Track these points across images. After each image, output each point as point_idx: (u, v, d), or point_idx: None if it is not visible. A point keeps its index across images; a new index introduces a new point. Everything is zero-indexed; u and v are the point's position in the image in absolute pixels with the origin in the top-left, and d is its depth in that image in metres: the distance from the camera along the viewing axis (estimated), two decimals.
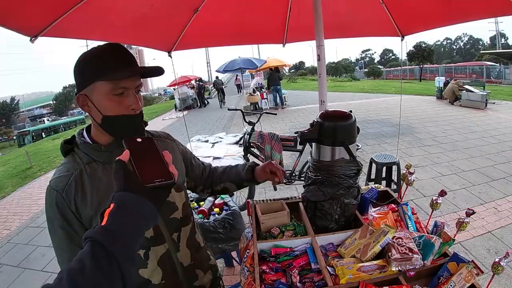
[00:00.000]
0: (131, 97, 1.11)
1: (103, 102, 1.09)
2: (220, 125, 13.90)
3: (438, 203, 1.62)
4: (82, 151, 1.18)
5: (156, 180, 0.78)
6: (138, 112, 1.15)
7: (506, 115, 11.28)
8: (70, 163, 1.16)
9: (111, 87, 1.07)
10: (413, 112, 12.60)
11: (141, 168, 0.79)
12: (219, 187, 1.68)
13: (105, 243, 0.67)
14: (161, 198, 0.82)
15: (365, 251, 1.32)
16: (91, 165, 1.16)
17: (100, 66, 1.07)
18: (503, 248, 3.58)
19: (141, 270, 1.20)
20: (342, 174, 1.54)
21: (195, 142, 5.38)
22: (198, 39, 3.33)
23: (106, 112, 1.10)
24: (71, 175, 1.12)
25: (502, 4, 2.39)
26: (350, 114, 1.59)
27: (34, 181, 9.54)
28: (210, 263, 1.50)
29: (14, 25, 1.73)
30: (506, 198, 4.84)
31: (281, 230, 1.63)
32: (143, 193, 0.76)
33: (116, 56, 1.09)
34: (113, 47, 1.12)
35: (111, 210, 0.72)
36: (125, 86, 1.09)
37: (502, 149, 7.26)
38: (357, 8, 3.35)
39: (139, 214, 0.75)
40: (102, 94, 1.08)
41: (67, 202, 1.08)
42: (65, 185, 1.09)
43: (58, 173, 1.14)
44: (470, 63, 36.25)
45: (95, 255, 0.66)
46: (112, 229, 0.70)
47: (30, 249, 4.85)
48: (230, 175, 1.68)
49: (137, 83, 1.13)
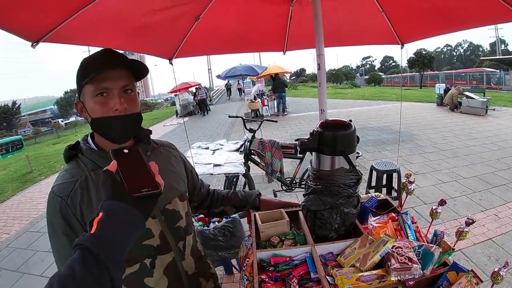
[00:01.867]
0: (114, 98, 1.11)
1: (89, 104, 1.11)
2: (220, 131, 13.94)
3: (438, 212, 1.62)
4: (86, 157, 1.18)
5: (143, 190, 0.80)
6: (127, 113, 1.14)
7: (507, 121, 11.34)
8: (74, 169, 1.16)
9: (94, 89, 1.09)
10: (414, 119, 12.65)
11: (128, 178, 0.81)
12: (218, 210, 1.77)
13: (94, 250, 0.70)
14: (148, 207, 0.83)
15: (365, 261, 1.31)
16: (96, 171, 1.15)
17: (85, 70, 1.09)
18: (503, 255, 3.59)
19: (146, 279, 1.20)
20: (342, 184, 1.54)
21: (196, 149, 5.38)
22: (199, 47, 3.34)
23: (93, 115, 1.11)
24: (76, 181, 1.12)
25: (501, 11, 2.40)
26: (349, 124, 1.59)
27: (34, 185, 9.56)
28: (211, 271, 1.52)
29: (16, 29, 1.73)
30: (506, 205, 4.87)
31: (281, 239, 1.62)
32: (130, 202, 0.78)
33: (100, 59, 1.11)
34: (103, 51, 1.14)
35: (100, 219, 0.75)
36: (107, 86, 1.09)
37: (503, 156, 7.30)
38: (357, 17, 3.36)
39: (127, 222, 0.77)
40: (89, 97, 1.10)
41: (72, 209, 1.08)
42: (70, 192, 1.09)
43: (62, 179, 1.13)
44: (470, 70, 36.40)
45: (85, 261, 0.68)
46: (101, 236, 0.73)
47: (29, 253, 4.85)
48: (233, 199, 1.79)
49: (121, 83, 1.12)
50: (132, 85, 1.17)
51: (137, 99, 1.21)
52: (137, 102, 1.19)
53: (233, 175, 4.78)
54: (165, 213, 1.26)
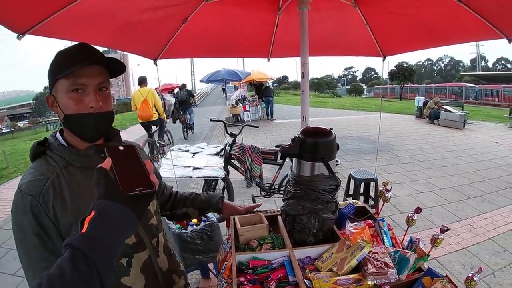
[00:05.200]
0: (90, 95, 1.09)
1: (63, 100, 1.09)
2: (201, 135, 13.85)
3: (413, 219, 1.66)
4: (57, 154, 1.13)
5: (137, 189, 0.78)
6: (102, 111, 1.13)
7: (484, 135, 11.66)
8: (44, 166, 1.11)
9: (68, 84, 1.06)
10: (393, 130, 12.86)
11: (122, 176, 0.79)
12: (180, 212, 1.75)
13: (85, 250, 0.68)
14: (142, 206, 0.82)
15: (342, 265, 1.34)
16: (68, 169, 1.12)
17: (60, 64, 1.07)
18: (478, 264, 3.67)
19: (123, 279, 1.17)
20: (321, 189, 1.57)
21: (176, 151, 5.34)
22: (184, 49, 3.34)
23: (67, 111, 1.09)
24: (47, 179, 1.07)
25: (482, 29, 2.49)
26: (330, 131, 1.63)
27: (9, 181, 9.24)
28: (181, 268, 1.51)
29: (3, 20, 1.70)
30: (481, 215, 5.01)
31: (260, 242, 1.64)
32: (123, 202, 0.76)
33: (76, 53, 1.09)
34: (78, 46, 1.13)
35: (92, 218, 0.73)
36: (83, 82, 1.08)
37: (479, 168, 7.51)
38: (342, 28, 3.42)
39: (119, 222, 0.75)
40: (63, 92, 1.08)
41: (45, 208, 1.02)
42: (41, 190, 1.04)
43: (30, 176, 1.07)
44: (450, 84, 37.18)
45: (75, 261, 0.67)
46: (92, 236, 0.70)
47: (2, 252, 4.69)
48: (195, 201, 1.76)
49: (97, 80, 1.11)
50: (107, 83, 1.16)
51: (111, 98, 1.20)
52: (111, 100, 1.18)
53: (212, 178, 4.76)
54: None
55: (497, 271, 3.56)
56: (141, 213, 0.82)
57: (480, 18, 2.41)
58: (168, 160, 4.61)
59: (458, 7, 2.40)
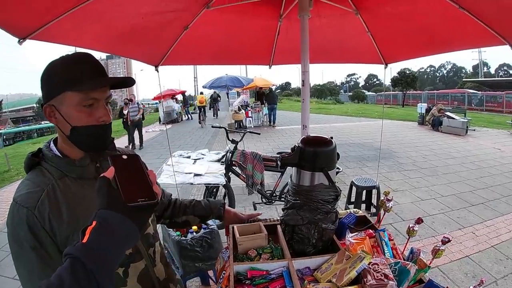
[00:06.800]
0: (101, 109, 1.10)
1: (72, 113, 1.07)
2: (203, 141, 13.87)
3: (414, 230, 1.64)
4: (51, 165, 1.12)
5: (140, 200, 0.77)
6: (108, 123, 1.14)
7: (486, 141, 11.62)
8: (39, 178, 1.09)
9: (81, 98, 1.05)
10: (395, 137, 12.84)
11: (125, 186, 0.78)
12: (180, 219, 1.73)
13: (85, 261, 0.67)
14: (143, 218, 0.81)
15: (341, 276, 1.32)
16: (63, 180, 1.10)
17: (70, 76, 1.05)
18: (480, 272, 3.65)
19: None
20: (321, 199, 1.56)
21: (177, 157, 5.34)
22: (186, 56, 3.35)
23: (75, 123, 1.07)
24: (42, 191, 1.04)
25: (485, 35, 2.48)
26: (330, 141, 1.61)
27: (11, 184, 9.24)
28: (176, 277, 1.50)
29: (4, 24, 1.70)
30: (484, 223, 4.97)
31: (258, 252, 1.62)
32: (125, 212, 0.75)
33: (87, 66, 1.08)
34: (83, 57, 1.10)
35: (93, 228, 0.72)
36: (96, 97, 1.07)
37: (481, 175, 7.46)
38: (344, 36, 3.42)
39: (121, 233, 0.74)
40: (72, 105, 1.06)
41: (41, 221, 1.00)
42: (36, 202, 1.01)
43: (26, 188, 1.05)
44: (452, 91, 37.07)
45: (75, 271, 0.66)
46: (93, 246, 0.70)
47: (2, 255, 4.67)
48: (196, 209, 1.75)
49: (107, 94, 1.12)
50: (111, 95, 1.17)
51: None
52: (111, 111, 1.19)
53: (213, 185, 4.75)
54: None
55: (499, 280, 3.52)
56: (143, 224, 0.81)
57: (483, 24, 2.41)
58: (169, 166, 4.61)
59: (461, 14, 2.39)
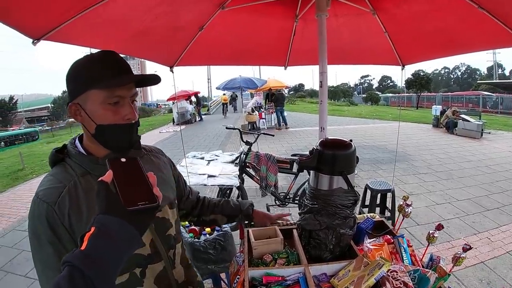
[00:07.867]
0: (126, 107, 1.09)
1: (97, 111, 1.06)
2: (216, 142, 13.89)
3: (434, 236, 1.61)
4: (75, 162, 1.12)
5: (140, 203, 0.74)
6: (133, 122, 1.12)
7: (501, 145, 11.43)
8: (62, 174, 1.09)
9: (106, 96, 1.04)
10: (409, 140, 12.69)
11: (124, 190, 0.75)
12: (208, 218, 1.73)
13: (83, 269, 0.65)
14: (144, 222, 0.78)
15: (359, 284, 1.29)
16: (85, 177, 1.10)
17: (95, 74, 1.04)
18: (495, 279, 3.57)
19: None
20: (340, 204, 1.52)
21: (191, 158, 5.35)
22: (201, 56, 3.34)
23: (101, 121, 1.07)
24: (64, 187, 1.05)
25: (504, 36, 2.42)
26: (350, 144, 1.57)
27: (25, 183, 9.40)
28: (198, 279, 1.48)
29: (18, 25, 1.70)
30: (499, 228, 4.86)
31: (274, 257, 1.60)
32: (125, 217, 0.72)
33: (111, 64, 1.07)
34: (108, 54, 1.10)
35: (92, 234, 0.70)
36: (121, 94, 1.06)
37: (496, 179, 7.32)
38: (360, 36, 3.38)
39: (120, 238, 0.72)
40: (97, 103, 1.05)
41: (60, 217, 1.01)
42: (57, 198, 1.03)
43: (48, 184, 1.07)
44: (467, 93, 36.74)
45: (73, 279, 0.64)
46: (91, 254, 0.68)
47: (14, 252, 4.74)
48: (225, 208, 1.75)
49: (132, 92, 1.11)
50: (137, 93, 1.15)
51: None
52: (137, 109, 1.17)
53: (227, 187, 4.74)
54: (155, 221, 1.23)
55: None
56: (144, 228, 0.78)
57: (502, 25, 2.34)
58: (182, 168, 4.61)
59: (480, 14, 2.33)
